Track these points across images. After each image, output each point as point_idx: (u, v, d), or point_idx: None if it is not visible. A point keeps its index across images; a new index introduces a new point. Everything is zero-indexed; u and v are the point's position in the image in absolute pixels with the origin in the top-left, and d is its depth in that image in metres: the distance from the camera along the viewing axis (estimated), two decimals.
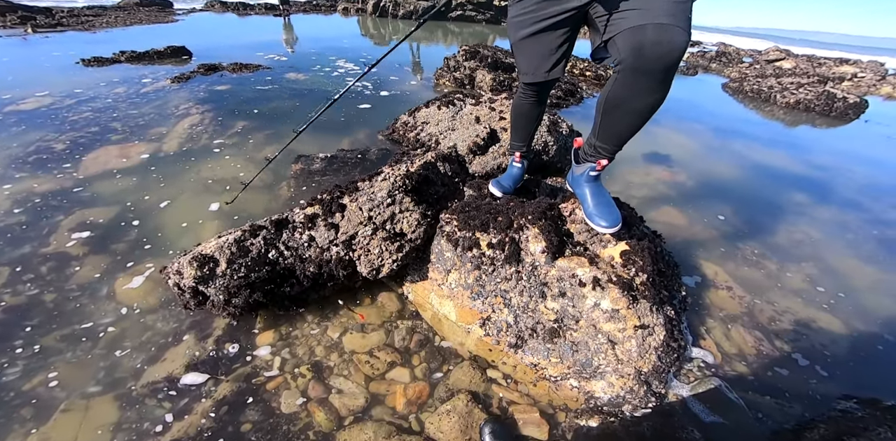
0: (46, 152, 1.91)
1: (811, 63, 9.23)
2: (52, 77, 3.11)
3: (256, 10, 11.25)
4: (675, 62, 0.83)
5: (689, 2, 0.84)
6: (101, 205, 1.56)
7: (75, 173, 1.75)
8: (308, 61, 4.04)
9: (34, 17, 7.20)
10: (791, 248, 1.73)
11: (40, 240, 1.37)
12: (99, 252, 1.34)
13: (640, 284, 1.01)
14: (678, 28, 0.80)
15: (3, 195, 1.57)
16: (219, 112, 2.44)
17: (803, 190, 2.30)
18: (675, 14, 0.81)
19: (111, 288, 1.21)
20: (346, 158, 1.89)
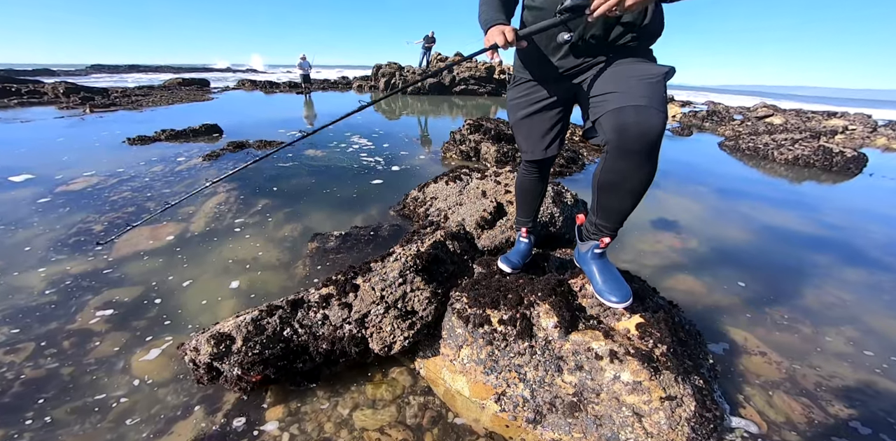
0: (85, 234, 2.11)
1: (800, 117, 9.90)
2: (100, 156, 3.57)
3: (281, 88, 13.00)
4: (656, 140, 0.91)
5: (662, 82, 0.95)
6: (128, 284, 1.70)
7: (108, 255, 1.92)
8: (326, 137, 4.54)
9: (93, 97, 8.55)
10: (824, 312, 1.71)
11: (67, 317, 1.50)
12: (120, 328, 1.46)
13: (661, 355, 1.02)
14: (654, 109, 0.89)
15: (39, 277, 1.73)
16: (242, 190, 2.70)
17: (822, 251, 2.31)
18: (650, 96, 0.91)
19: (127, 362, 1.30)
20: (359, 235, 2.02)
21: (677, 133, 6.37)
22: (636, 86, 0.92)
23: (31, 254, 1.90)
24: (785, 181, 3.89)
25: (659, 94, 0.91)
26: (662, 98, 0.91)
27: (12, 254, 1.89)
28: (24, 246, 1.96)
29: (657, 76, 0.93)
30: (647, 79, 0.93)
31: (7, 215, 2.28)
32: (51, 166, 3.18)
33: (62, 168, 3.14)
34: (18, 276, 1.73)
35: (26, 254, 1.90)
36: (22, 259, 1.85)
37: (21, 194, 2.60)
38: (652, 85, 0.92)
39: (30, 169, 3.10)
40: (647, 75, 0.93)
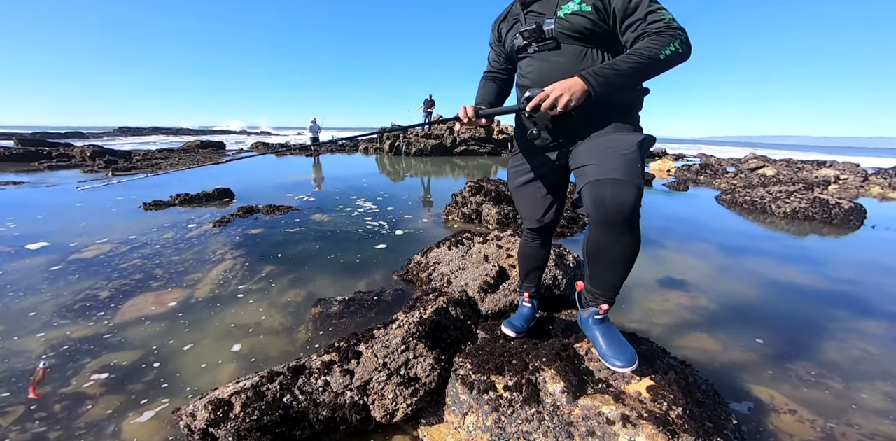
0: (91, 300, 2.19)
1: (791, 168, 10.41)
2: (116, 222, 3.78)
3: (292, 151, 14.06)
4: (633, 212, 0.96)
5: (636, 154, 1.02)
6: (128, 348, 1.74)
7: (111, 320, 1.98)
8: (332, 201, 4.83)
9: (116, 161, 9.20)
10: (853, 366, 1.68)
11: (63, 381, 1.52)
12: (115, 392, 1.46)
13: (677, 418, 1.00)
14: (628, 182, 0.95)
15: (40, 341, 1.78)
16: (249, 257, 2.82)
17: (838, 305, 2.31)
18: (625, 168, 0.98)
19: (118, 426, 1.29)
20: (362, 300, 2.07)
21: (674, 188, 6.69)
22: (612, 158, 1.01)
23: (35, 319, 1.97)
24: (787, 235, 3.98)
25: (633, 166, 0.99)
26: (636, 170, 0.99)
27: (17, 319, 1.96)
28: (30, 311, 2.03)
29: (632, 148, 1.02)
30: (622, 151, 1.01)
31: (19, 282, 2.39)
32: (67, 233, 3.38)
33: (78, 235, 3.33)
34: (18, 340, 1.78)
35: (30, 319, 1.96)
36: (25, 324, 1.91)
37: (35, 262, 2.73)
38: (626, 157, 1.00)
39: (46, 236, 3.29)
40: (622, 147, 1.02)
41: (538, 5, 1.13)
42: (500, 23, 1.29)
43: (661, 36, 0.96)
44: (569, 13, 1.06)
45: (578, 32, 1.06)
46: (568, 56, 1.09)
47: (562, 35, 1.08)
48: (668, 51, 0.95)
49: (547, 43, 1.11)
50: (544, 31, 1.10)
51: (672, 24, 0.98)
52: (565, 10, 1.06)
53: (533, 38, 1.12)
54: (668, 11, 1.00)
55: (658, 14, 0.99)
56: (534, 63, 1.16)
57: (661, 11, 0.99)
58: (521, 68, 1.24)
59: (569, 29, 1.06)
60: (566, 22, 1.06)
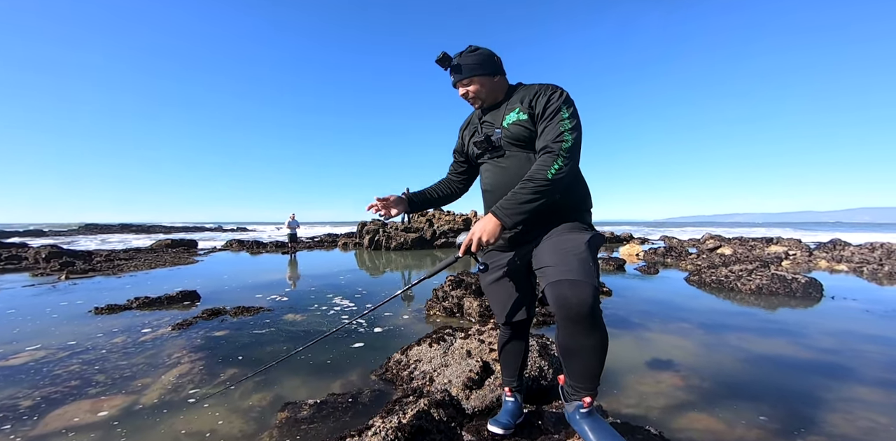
0: (9, 410, 1.91)
1: (744, 246, 11.37)
2: (58, 328, 3.46)
3: (268, 248, 13.99)
4: (592, 309, 1.02)
5: (588, 254, 1.11)
6: None
7: (29, 431, 1.71)
8: (307, 300, 4.67)
9: (73, 262, 8.67)
10: (865, 437, 1.65)
11: None
12: None
13: None
14: (584, 282, 1.03)
15: None
16: (210, 360, 2.60)
17: (829, 376, 2.33)
18: (580, 269, 1.06)
19: None
20: (336, 403, 1.89)
21: (645, 272, 7.04)
22: (567, 260, 1.09)
23: None
24: (760, 310, 4.15)
25: (586, 265, 1.08)
26: (589, 269, 1.07)
27: None
28: None
29: (582, 248, 1.12)
30: (574, 251, 1.11)
31: None
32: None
33: (9, 341, 3.01)
34: None
35: None
36: None
37: None
38: (579, 257, 1.09)
39: None
40: (573, 248, 1.12)
41: (490, 116, 1.30)
42: (463, 130, 1.46)
43: (549, 155, 1.12)
44: (510, 123, 1.22)
45: (518, 140, 1.21)
46: (514, 161, 1.24)
47: (507, 143, 1.24)
48: (553, 170, 1.10)
49: (495, 151, 1.28)
50: (492, 141, 1.27)
51: (560, 139, 1.11)
52: (508, 120, 1.23)
53: (484, 148, 1.30)
54: (567, 120, 1.13)
55: (556, 127, 1.13)
56: (488, 169, 1.33)
57: (561, 123, 1.13)
58: (480, 174, 1.45)
59: (511, 137, 1.23)
60: (508, 131, 1.22)
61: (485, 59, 1.26)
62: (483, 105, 1.34)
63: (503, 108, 1.28)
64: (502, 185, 1.24)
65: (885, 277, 6.65)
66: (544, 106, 1.17)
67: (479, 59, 1.25)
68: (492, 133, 1.29)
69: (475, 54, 1.26)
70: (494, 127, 1.29)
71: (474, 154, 1.37)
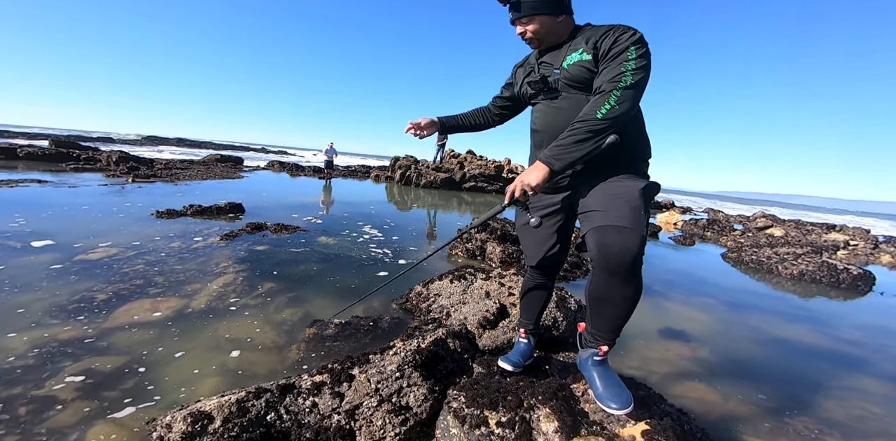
0: (86, 302, 2.20)
1: (799, 230, 10.46)
2: (127, 227, 3.88)
3: (306, 172, 14.50)
4: (635, 261, 0.99)
5: (641, 202, 1.06)
6: (112, 354, 1.72)
7: (101, 324, 1.98)
8: (339, 225, 4.92)
9: (138, 167, 9.58)
10: (853, 424, 1.68)
11: (36, 382, 1.48)
12: (88, 398, 1.42)
13: None
14: (634, 231, 0.99)
15: (23, 339, 1.77)
16: (251, 272, 2.86)
17: (843, 366, 2.30)
18: (630, 217, 1.01)
19: (83, 435, 1.24)
20: (359, 325, 2.08)
21: (680, 242, 6.74)
22: (618, 205, 1.05)
23: (24, 317, 1.97)
24: (794, 296, 3.96)
25: (637, 214, 1.04)
26: (640, 218, 1.03)
27: (7, 315, 1.96)
28: (21, 309, 2.04)
29: (635, 195, 1.07)
30: (627, 198, 1.07)
31: (17, 278, 2.42)
32: (77, 234, 3.47)
33: (87, 236, 3.43)
34: (2, 337, 1.77)
35: (19, 316, 1.97)
36: (13, 321, 1.91)
37: (38, 259, 2.79)
38: (630, 204, 1.05)
39: (55, 235, 3.38)
40: (626, 194, 1.08)
41: (549, 56, 1.23)
42: (518, 68, 1.41)
43: (602, 95, 1.04)
44: (571, 64, 1.15)
45: (578, 82, 1.15)
46: (570, 102, 1.18)
47: (564, 85, 1.18)
48: (604, 109, 1.02)
49: (550, 93, 1.23)
50: (549, 82, 1.21)
51: (618, 79, 1.02)
52: (569, 60, 1.15)
53: (538, 89, 1.25)
54: (632, 61, 1.03)
55: (617, 67, 1.04)
56: (540, 109, 1.29)
57: (624, 63, 1.03)
58: (531, 114, 1.37)
59: (569, 79, 1.16)
60: (567, 73, 1.16)
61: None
62: (541, 46, 1.25)
63: (565, 49, 1.19)
64: (554, 127, 1.19)
65: None
66: (610, 46, 1.07)
67: None
68: (549, 74, 1.22)
69: None
70: (553, 67, 1.21)
71: (527, 94, 1.32)
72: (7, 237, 3.22)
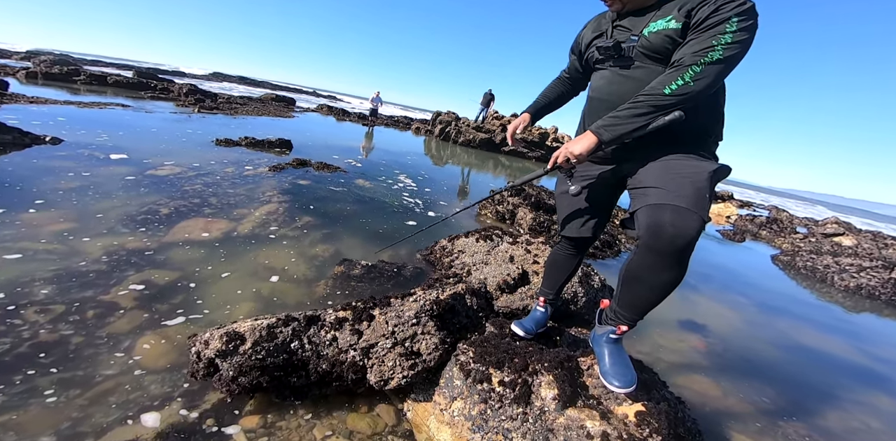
0: (152, 214, 2.45)
1: (876, 242, 9.21)
2: (190, 151, 4.20)
3: (351, 118, 14.62)
4: (688, 246, 0.91)
5: (707, 183, 0.94)
6: (168, 268, 1.91)
7: (163, 237, 2.20)
8: (376, 171, 5.02)
9: (204, 100, 10.35)
10: (845, 434, 1.67)
11: (104, 288, 1.66)
12: (143, 308, 1.59)
13: None
14: (694, 213, 0.89)
15: (97, 245, 1.99)
16: (293, 204, 3.03)
17: (862, 381, 2.20)
18: (693, 198, 0.91)
19: (134, 342, 1.40)
20: (383, 269, 2.18)
21: (728, 237, 6.26)
22: (680, 184, 0.94)
23: (102, 222, 2.22)
24: (838, 308, 3.65)
25: (702, 196, 0.92)
26: (704, 202, 0.92)
27: (87, 219, 2.22)
28: (98, 213, 2.30)
29: (703, 177, 0.95)
30: (693, 179, 0.95)
31: (100, 186, 2.73)
32: (149, 152, 3.81)
33: (157, 155, 3.75)
34: (85, 241, 2.00)
35: (97, 221, 2.22)
36: (92, 226, 2.16)
37: (116, 171, 3.11)
38: (696, 186, 0.94)
39: (130, 151, 3.72)
40: (693, 175, 0.96)
41: (629, 21, 1.08)
42: (586, 29, 1.25)
43: (677, 69, 0.92)
44: (653, 31, 1.00)
45: (657, 52, 1.01)
46: (643, 73, 1.05)
47: (640, 54, 1.04)
48: (676, 84, 0.91)
49: (622, 60, 1.08)
50: (623, 49, 1.07)
51: (704, 52, 0.89)
52: (652, 27, 1.01)
53: (608, 55, 1.10)
54: (729, 34, 0.88)
55: (708, 39, 0.90)
56: (605, 76, 1.15)
57: (719, 36, 0.89)
58: (592, 80, 1.21)
59: (648, 48, 1.02)
60: (647, 40, 1.02)
61: None
62: (624, 8, 1.09)
63: (650, 15, 1.03)
64: (620, 96, 1.06)
65: None
66: (709, 14, 0.91)
67: None
68: (625, 40, 1.07)
69: None
70: (631, 33, 1.06)
71: (593, 58, 1.17)
72: (93, 149, 3.59)
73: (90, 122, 4.88)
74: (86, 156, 3.34)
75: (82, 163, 3.15)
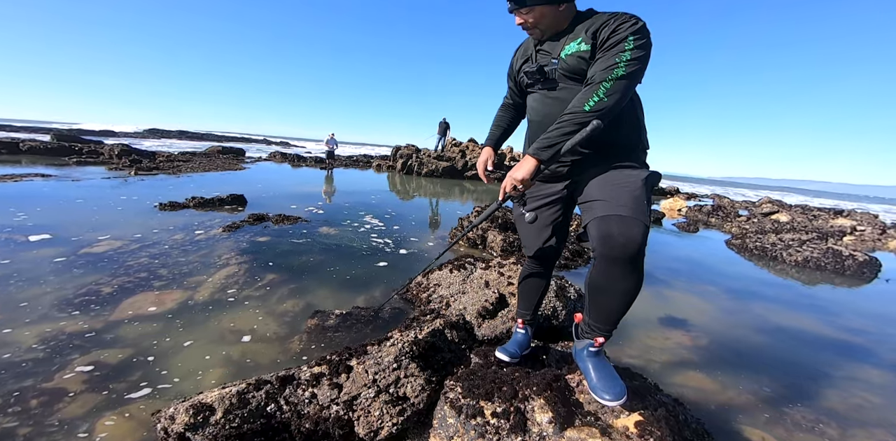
0: (93, 295, 2.23)
1: (806, 215, 10.28)
2: (130, 220, 3.91)
3: (308, 163, 14.51)
4: (639, 251, 0.98)
5: (643, 191, 1.05)
6: (119, 346, 1.76)
7: (108, 316, 2.01)
8: (340, 215, 4.92)
9: (141, 160, 9.58)
10: (851, 413, 1.69)
11: (46, 375, 1.52)
12: (97, 389, 1.46)
13: None
14: (637, 220, 0.98)
15: (32, 333, 1.80)
16: (253, 264, 2.88)
17: (845, 355, 2.30)
18: (633, 206, 1.01)
19: (92, 425, 1.28)
20: (360, 316, 2.09)
21: (684, 229, 6.68)
22: (619, 194, 1.04)
23: (31, 311, 2.00)
24: (798, 283, 3.93)
25: (641, 203, 1.03)
26: (643, 208, 1.03)
27: (13, 309, 1.99)
28: (27, 303, 2.07)
29: (638, 185, 1.06)
30: (629, 188, 1.06)
31: (24, 272, 2.45)
32: (81, 227, 3.50)
33: (91, 229, 3.45)
34: (11, 331, 1.80)
35: (24, 310, 2.00)
36: (21, 315, 1.94)
37: (42, 254, 2.82)
38: (633, 194, 1.04)
39: (58, 228, 3.40)
40: (629, 184, 1.07)
41: (548, 45, 1.19)
42: (516, 55, 1.36)
43: (591, 86, 1.02)
44: (569, 54, 1.11)
45: (575, 73, 1.11)
46: (567, 93, 1.14)
47: (562, 76, 1.14)
48: (592, 101, 1.00)
49: (548, 83, 1.18)
50: (546, 72, 1.17)
51: (610, 69, 0.99)
52: (567, 50, 1.11)
53: (535, 79, 1.20)
54: (628, 52, 0.99)
55: (612, 57, 1.00)
56: (537, 99, 1.25)
57: (620, 54, 1.00)
58: (527, 103, 1.33)
59: (567, 70, 1.12)
60: (565, 63, 1.12)
61: None
62: (543, 36, 1.20)
63: (565, 38, 1.15)
64: (552, 116, 1.14)
65: None
66: (609, 35, 1.03)
67: None
68: (546, 63, 1.18)
69: None
70: (551, 57, 1.17)
71: (524, 83, 1.28)
72: (10, 232, 3.25)
73: (1, 200, 4.44)
74: (1, 241, 3.03)
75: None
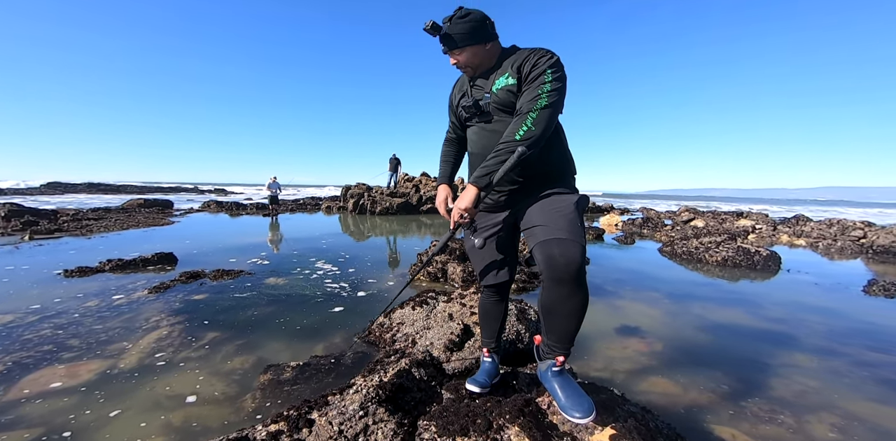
0: None
1: (716, 219, 11.84)
2: (24, 291, 3.32)
3: (248, 210, 13.50)
4: (580, 269, 1.05)
5: (575, 214, 1.15)
6: (22, 427, 1.49)
7: (3, 396, 1.70)
8: (289, 264, 4.63)
9: (37, 222, 8.08)
10: (797, 400, 1.84)
11: None
12: None
13: None
14: (574, 241, 1.07)
15: None
16: (190, 324, 2.58)
17: (775, 343, 2.57)
18: (569, 229, 1.09)
19: None
20: (319, 365, 1.94)
21: (622, 242, 7.29)
22: (555, 219, 1.13)
23: None
24: (723, 281, 4.42)
25: (575, 225, 1.12)
26: (577, 229, 1.12)
27: None
28: None
29: (570, 208, 1.16)
30: (563, 212, 1.15)
31: None
32: None
33: None
34: None
35: None
36: None
37: None
38: (567, 217, 1.13)
39: None
40: (562, 208, 1.16)
41: (480, 81, 1.29)
42: (454, 91, 1.44)
43: (520, 117, 1.13)
44: (499, 88, 1.21)
45: (506, 105, 1.21)
46: (502, 126, 1.23)
47: (495, 109, 1.24)
48: (521, 131, 1.12)
49: (484, 116, 1.28)
50: (480, 106, 1.27)
51: (535, 100, 1.11)
52: (497, 85, 1.22)
53: (472, 113, 1.30)
54: (548, 83, 1.11)
55: (535, 90, 1.12)
56: (476, 132, 1.34)
57: (541, 86, 1.12)
58: (468, 136, 1.43)
59: (498, 103, 1.22)
60: (496, 97, 1.22)
61: (476, 26, 1.22)
62: (475, 73, 1.31)
63: (494, 73, 1.26)
64: (489, 148, 1.23)
65: (836, 252, 7.15)
66: (530, 69, 1.16)
67: (470, 27, 1.21)
68: (480, 98, 1.28)
69: (466, 22, 1.21)
70: (484, 91, 1.28)
71: (462, 117, 1.38)
72: None
73: None
74: None
75: None
